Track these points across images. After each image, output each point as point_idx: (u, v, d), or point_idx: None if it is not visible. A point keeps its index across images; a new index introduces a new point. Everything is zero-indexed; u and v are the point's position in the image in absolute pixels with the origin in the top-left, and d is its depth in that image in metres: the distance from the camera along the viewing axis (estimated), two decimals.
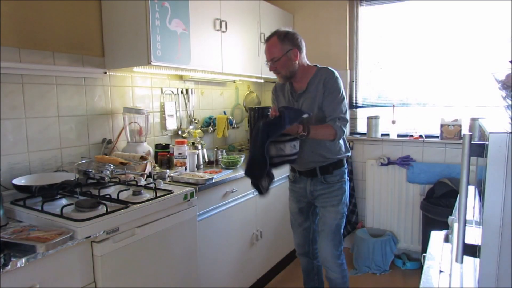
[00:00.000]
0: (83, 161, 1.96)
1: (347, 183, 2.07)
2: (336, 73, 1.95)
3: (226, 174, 2.28)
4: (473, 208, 1.22)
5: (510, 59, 0.95)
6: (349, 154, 2.07)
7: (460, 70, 2.92)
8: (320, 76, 1.94)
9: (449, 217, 1.43)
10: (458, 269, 1.04)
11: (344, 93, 1.94)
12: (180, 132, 2.71)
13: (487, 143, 0.79)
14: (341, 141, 2.02)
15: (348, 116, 1.95)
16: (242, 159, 2.53)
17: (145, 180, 1.94)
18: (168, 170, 2.19)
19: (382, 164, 3.18)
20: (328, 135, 1.88)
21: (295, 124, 1.79)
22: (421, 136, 3.05)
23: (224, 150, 2.70)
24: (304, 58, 1.97)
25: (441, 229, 1.51)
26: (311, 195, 2.06)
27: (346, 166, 2.07)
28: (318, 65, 2.01)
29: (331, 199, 2.01)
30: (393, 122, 3.13)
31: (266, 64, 1.95)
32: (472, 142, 0.83)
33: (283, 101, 2.08)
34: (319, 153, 1.96)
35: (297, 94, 1.99)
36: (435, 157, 3.02)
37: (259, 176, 1.80)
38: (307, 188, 2.05)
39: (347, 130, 1.90)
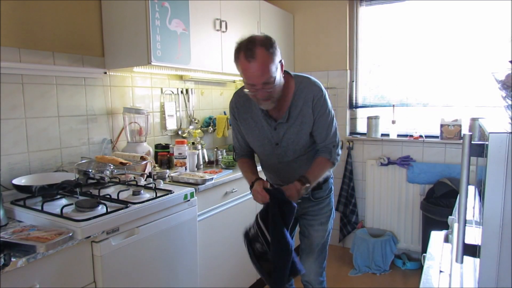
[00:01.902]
0: (83, 161, 1.96)
1: (333, 193, 1.85)
2: (323, 87, 1.56)
3: (226, 174, 2.28)
4: (473, 208, 1.22)
5: (510, 59, 0.96)
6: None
7: (460, 70, 2.92)
8: (304, 96, 1.53)
9: (449, 217, 1.43)
10: (458, 269, 1.04)
11: (332, 109, 1.61)
12: (180, 132, 2.70)
13: (487, 143, 0.79)
14: None
15: (338, 135, 1.64)
16: None
17: (145, 180, 1.94)
18: (168, 170, 2.19)
19: (382, 164, 3.18)
20: (328, 171, 1.65)
21: (293, 185, 1.49)
22: (421, 136, 3.05)
23: (224, 150, 2.70)
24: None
25: (441, 229, 1.51)
26: (296, 213, 1.70)
27: (332, 175, 1.83)
28: (292, 74, 1.56)
29: (319, 217, 1.77)
30: (393, 122, 3.13)
31: (250, 90, 1.43)
32: (472, 142, 0.83)
33: (254, 128, 1.62)
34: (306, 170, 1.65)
35: (275, 123, 1.57)
36: (435, 157, 3.02)
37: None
38: None
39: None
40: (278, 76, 1.43)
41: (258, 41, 1.37)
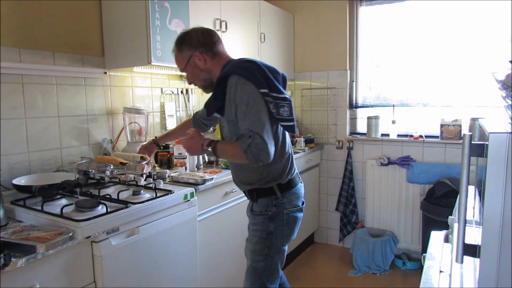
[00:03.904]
0: (83, 161, 1.96)
1: (279, 220, 1.58)
2: (239, 76, 1.42)
3: (226, 174, 2.28)
4: (473, 208, 1.22)
5: (510, 59, 0.95)
6: (283, 181, 1.57)
7: (460, 70, 2.92)
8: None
9: (449, 217, 1.43)
10: (458, 269, 1.04)
11: (256, 102, 1.41)
12: None
13: (487, 143, 0.79)
14: (276, 164, 1.54)
15: (268, 135, 1.40)
16: None
17: (145, 180, 1.94)
18: (168, 170, 2.19)
19: (382, 164, 3.18)
20: (238, 156, 1.43)
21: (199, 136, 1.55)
22: (421, 136, 3.05)
23: None
24: (219, 54, 1.56)
25: (441, 229, 1.51)
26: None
27: (280, 196, 1.57)
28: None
29: (250, 233, 1.68)
30: (393, 122, 3.13)
31: None
32: (472, 142, 0.83)
33: None
34: (241, 175, 1.63)
35: None
36: (435, 157, 3.02)
37: None
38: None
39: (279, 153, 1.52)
40: (190, 69, 1.57)
41: (176, 40, 1.59)
